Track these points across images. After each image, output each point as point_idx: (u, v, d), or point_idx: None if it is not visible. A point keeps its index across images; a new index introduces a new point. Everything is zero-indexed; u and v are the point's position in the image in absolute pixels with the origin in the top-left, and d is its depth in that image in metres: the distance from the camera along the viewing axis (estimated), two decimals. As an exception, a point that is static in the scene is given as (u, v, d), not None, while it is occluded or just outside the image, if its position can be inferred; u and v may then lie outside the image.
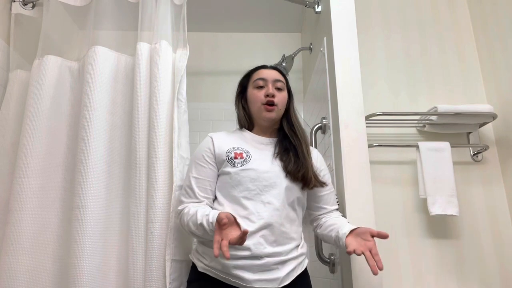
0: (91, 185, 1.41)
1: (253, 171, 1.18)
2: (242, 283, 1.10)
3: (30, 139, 1.51)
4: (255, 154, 1.24)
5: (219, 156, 1.23)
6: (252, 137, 1.31)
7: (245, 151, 1.23)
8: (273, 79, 1.29)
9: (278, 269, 1.12)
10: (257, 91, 1.28)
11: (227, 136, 1.30)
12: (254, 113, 1.31)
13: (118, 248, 1.43)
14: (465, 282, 1.67)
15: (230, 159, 1.21)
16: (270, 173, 1.20)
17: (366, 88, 1.81)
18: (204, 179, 1.22)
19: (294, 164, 1.22)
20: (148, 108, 1.51)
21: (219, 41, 2.76)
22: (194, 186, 1.21)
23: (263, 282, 1.09)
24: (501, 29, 1.83)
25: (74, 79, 1.65)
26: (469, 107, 1.74)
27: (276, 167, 1.22)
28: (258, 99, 1.27)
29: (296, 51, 2.30)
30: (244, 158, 1.21)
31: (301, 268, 1.20)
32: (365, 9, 2.07)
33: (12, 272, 1.37)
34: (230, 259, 1.01)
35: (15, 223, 1.42)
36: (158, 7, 1.65)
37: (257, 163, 1.21)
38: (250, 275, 1.09)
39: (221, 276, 1.12)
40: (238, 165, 1.20)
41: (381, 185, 1.78)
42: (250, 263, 1.10)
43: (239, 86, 1.39)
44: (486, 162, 1.84)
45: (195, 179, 1.22)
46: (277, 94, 1.27)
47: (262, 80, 1.29)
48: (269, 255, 1.12)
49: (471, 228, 1.75)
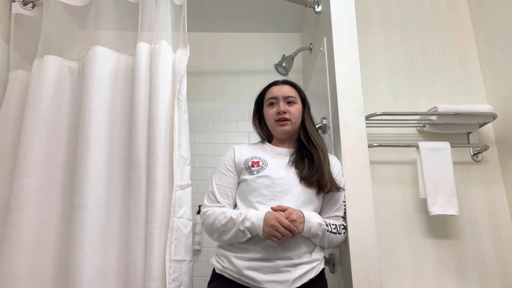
0: (91, 185, 1.41)
1: (268, 178, 1.27)
2: (253, 283, 1.16)
3: (30, 139, 1.51)
4: (271, 162, 1.33)
5: (239, 164, 1.34)
6: (271, 148, 1.41)
7: (262, 160, 1.33)
8: (284, 96, 1.38)
9: (289, 271, 1.17)
10: (270, 109, 1.40)
11: (248, 147, 1.42)
12: (270, 129, 1.43)
13: (118, 248, 1.43)
14: (465, 282, 1.67)
15: (248, 167, 1.32)
16: (284, 179, 1.27)
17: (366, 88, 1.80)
18: (225, 185, 1.33)
19: (308, 169, 1.29)
20: (148, 108, 1.51)
21: (219, 41, 2.76)
22: (216, 192, 1.32)
23: (273, 284, 1.15)
24: (501, 29, 1.83)
25: (74, 79, 1.65)
26: (469, 107, 1.74)
27: (291, 173, 1.29)
28: (271, 116, 1.39)
29: (296, 51, 2.30)
30: (260, 166, 1.31)
31: (314, 273, 1.21)
32: (365, 9, 2.06)
33: (12, 272, 1.37)
34: (244, 259, 1.17)
35: (15, 223, 1.42)
36: (158, 7, 1.65)
37: (273, 171, 1.29)
38: (261, 276, 1.15)
39: (235, 277, 1.19)
40: (254, 173, 1.30)
41: (381, 185, 1.78)
42: (262, 264, 1.17)
43: (255, 105, 1.50)
44: (486, 162, 1.84)
45: (217, 186, 1.33)
46: (288, 109, 1.37)
47: (273, 98, 1.40)
48: (280, 258, 1.18)
49: (471, 228, 1.75)
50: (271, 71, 2.37)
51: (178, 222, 1.39)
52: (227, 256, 1.22)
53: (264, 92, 1.46)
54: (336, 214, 1.31)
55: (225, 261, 1.23)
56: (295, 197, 1.25)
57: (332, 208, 1.32)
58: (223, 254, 1.24)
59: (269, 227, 1.14)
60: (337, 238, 1.26)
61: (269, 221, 1.14)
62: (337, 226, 1.27)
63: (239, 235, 1.19)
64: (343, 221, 1.32)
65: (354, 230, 1.30)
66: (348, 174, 1.37)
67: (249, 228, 1.17)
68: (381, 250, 1.55)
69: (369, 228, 1.31)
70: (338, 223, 1.29)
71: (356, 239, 1.29)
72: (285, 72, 2.30)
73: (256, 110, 1.49)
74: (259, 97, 1.48)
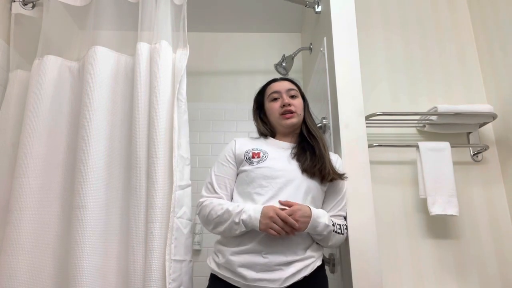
0: (91, 185, 1.41)
1: (267, 169, 1.26)
2: (244, 281, 1.14)
3: (30, 139, 1.51)
4: (272, 154, 1.32)
5: (239, 156, 1.33)
6: (274, 141, 1.40)
7: (263, 151, 1.32)
8: (286, 89, 1.39)
9: (281, 269, 1.15)
10: (274, 104, 1.39)
11: (250, 140, 1.40)
12: (274, 123, 1.40)
13: (118, 248, 1.43)
14: (465, 282, 1.67)
15: (248, 158, 1.31)
16: (284, 171, 1.26)
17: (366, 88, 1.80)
18: (224, 176, 1.31)
19: (310, 161, 1.28)
20: (148, 108, 1.51)
21: (219, 41, 2.76)
22: (214, 182, 1.31)
23: (265, 282, 1.13)
24: (501, 29, 1.83)
25: (74, 79, 1.65)
26: (469, 107, 1.74)
27: (293, 166, 1.29)
28: (275, 110, 1.38)
29: (296, 51, 2.30)
30: (261, 157, 1.30)
31: (309, 270, 1.19)
32: (365, 9, 2.06)
33: (12, 272, 1.37)
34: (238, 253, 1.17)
35: (15, 223, 1.42)
36: (158, 7, 1.65)
37: (273, 162, 1.28)
38: (253, 274, 1.14)
39: (227, 277, 1.18)
40: (254, 163, 1.28)
41: (381, 185, 1.78)
42: (254, 260, 1.15)
43: (254, 103, 1.48)
44: (486, 162, 1.83)
45: (215, 176, 1.32)
46: (292, 101, 1.37)
47: (276, 93, 1.39)
48: (272, 252, 1.16)
49: (471, 228, 1.75)
50: (271, 71, 2.37)
51: (178, 222, 1.39)
52: (223, 252, 1.21)
53: (264, 89, 1.46)
54: (339, 214, 1.31)
55: (220, 257, 1.22)
56: (295, 189, 1.23)
57: (336, 208, 1.31)
58: (220, 250, 1.24)
59: (267, 219, 1.12)
60: (340, 238, 1.26)
61: (267, 213, 1.13)
62: (341, 226, 1.26)
63: (233, 227, 1.17)
64: (345, 221, 1.32)
65: (354, 230, 1.30)
66: (348, 174, 1.37)
67: (245, 220, 1.15)
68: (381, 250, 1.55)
69: (369, 228, 1.31)
70: (341, 223, 1.28)
71: (356, 239, 1.29)
72: (285, 72, 2.30)
73: (256, 108, 1.48)
74: (259, 94, 1.47)
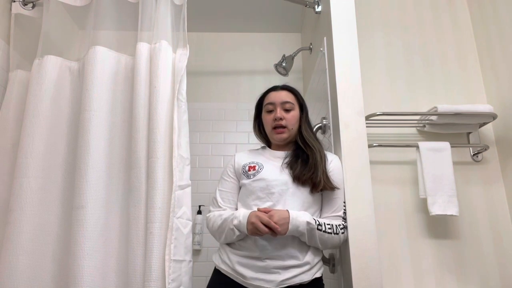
0: (91, 185, 1.41)
1: (263, 181, 1.31)
2: (242, 279, 1.22)
3: (30, 139, 1.51)
4: (266, 165, 1.36)
5: (238, 170, 1.40)
6: (270, 152, 1.45)
7: (259, 164, 1.37)
8: (281, 102, 1.40)
9: (278, 273, 1.20)
10: (268, 115, 1.42)
11: (248, 154, 1.46)
12: (268, 135, 1.46)
13: (118, 248, 1.43)
14: (465, 282, 1.67)
15: (245, 172, 1.37)
16: (277, 181, 1.30)
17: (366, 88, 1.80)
18: (227, 191, 1.39)
19: (300, 168, 1.31)
20: (148, 108, 1.51)
21: (219, 41, 2.76)
22: (218, 197, 1.39)
23: (261, 281, 1.19)
24: (501, 29, 1.83)
25: (74, 79, 1.65)
26: (469, 107, 1.74)
27: (285, 175, 1.32)
28: (269, 124, 1.42)
29: (296, 51, 2.30)
30: (256, 170, 1.36)
31: (308, 277, 1.21)
32: (365, 9, 2.06)
33: (12, 272, 1.37)
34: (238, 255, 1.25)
35: (15, 223, 1.42)
36: (158, 7, 1.65)
37: (267, 173, 1.33)
38: (250, 273, 1.21)
39: (228, 272, 1.26)
40: (251, 177, 1.34)
41: (381, 185, 1.78)
42: (253, 263, 1.22)
43: (255, 110, 1.52)
44: (486, 162, 1.83)
45: (219, 191, 1.40)
46: (285, 116, 1.39)
47: (271, 104, 1.42)
48: (270, 257, 1.21)
49: (471, 228, 1.75)
50: (271, 71, 2.37)
51: (177, 222, 1.39)
52: (226, 251, 1.30)
53: (263, 98, 1.48)
54: (335, 214, 1.31)
55: (223, 255, 1.30)
56: (290, 198, 1.27)
57: (330, 208, 1.32)
58: (224, 248, 1.32)
59: (250, 224, 1.19)
60: (333, 238, 1.24)
61: (250, 219, 1.20)
62: (333, 226, 1.25)
63: (229, 233, 1.25)
64: (343, 221, 1.31)
65: (354, 230, 1.30)
66: (348, 174, 1.37)
67: (237, 226, 1.23)
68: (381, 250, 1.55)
69: (369, 228, 1.31)
70: (336, 223, 1.27)
71: (356, 239, 1.29)
72: (285, 72, 2.30)
73: (256, 116, 1.52)
74: (259, 102, 1.50)
